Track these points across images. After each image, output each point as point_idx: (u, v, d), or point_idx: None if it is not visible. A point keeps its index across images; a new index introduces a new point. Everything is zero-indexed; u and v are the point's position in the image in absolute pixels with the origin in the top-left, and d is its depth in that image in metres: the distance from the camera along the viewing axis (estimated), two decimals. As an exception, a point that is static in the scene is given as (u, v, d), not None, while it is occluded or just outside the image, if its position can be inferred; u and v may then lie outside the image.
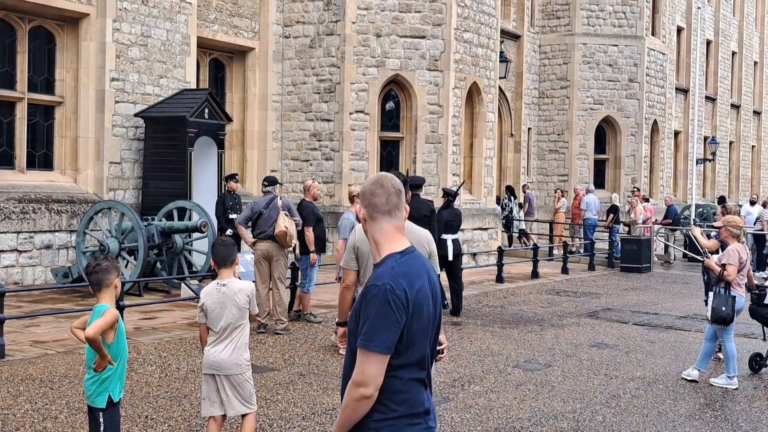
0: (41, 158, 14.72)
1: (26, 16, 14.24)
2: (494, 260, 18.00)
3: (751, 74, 43.65)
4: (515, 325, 11.87)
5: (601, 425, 7.04)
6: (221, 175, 15.19)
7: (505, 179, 25.89)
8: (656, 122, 29.04)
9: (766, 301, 9.19)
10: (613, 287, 17.01)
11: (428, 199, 12.45)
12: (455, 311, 12.38)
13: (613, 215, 22.95)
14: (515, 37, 26.37)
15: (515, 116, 26.50)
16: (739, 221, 8.90)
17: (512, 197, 24.15)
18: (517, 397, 7.83)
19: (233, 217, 13.28)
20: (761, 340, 10.32)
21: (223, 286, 5.38)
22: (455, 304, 12.39)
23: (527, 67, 26.94)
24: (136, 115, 15.02)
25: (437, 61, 18.44)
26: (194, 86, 16.41)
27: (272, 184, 10.93)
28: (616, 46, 27.35)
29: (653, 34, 29.02)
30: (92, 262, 4.89)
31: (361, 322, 3.01)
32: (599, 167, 27.74)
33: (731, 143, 41.55)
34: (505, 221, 23.14)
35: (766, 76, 45.17)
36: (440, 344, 5.40)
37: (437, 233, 11.42)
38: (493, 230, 20.39)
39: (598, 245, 21.89)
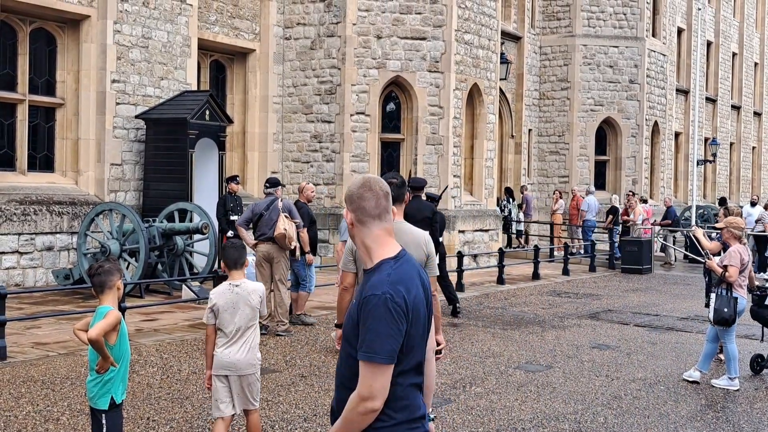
0: (42, 160, 14.73)
1: (27, 17, 14.25)
2: (495, 262, 18.00)
3: (751, 75, 43.65)
4: (516, 326, 11.87)
5: (602, 427, 7.04)
6: (222, 176, 15.19)
7: (505, 181, 25.89)
8: (657, 123, 29.04)
9: (767, 302, 9.19)
10: (614, 288, 17.01)
11: (429, 201, 12.44)
12: (454, 310, 12.38)
13: (612, 216, 22.96)
14: (516, 38, 26.38)
15: (516, 118, 26.51)
16: (740, 222, 8.90)
17: (511, 199, 24.15)
18: (518, 398, 7.83)
19: (234, 218, 13.28)
20: (760, 341, 10.33)
21: (236, 287, 5.47)
22: (449, 298, 12.40)
23: (528, 68, 26.95)
24: (137, 116, 15.03)
25: (438, 62, 18.44)
26: (195, 88, 16.43)
27: (274, 185, 10.93)
28: (616, 47, 27.35)
29: (654, 35, 29.03)
30: (94, 264, 4.89)
31: (361, 333, 2.94)
32: (600, 168, 27.74)
33: (732, 144, 41.55)
34: (503, 222, 23.14)
35: (766, 77, 45.17)
36: (438, 344, 5.41)
37: (439, 234, 11.42)
38: (493, 232, 20.39)
39: (598, 246, 21.88)
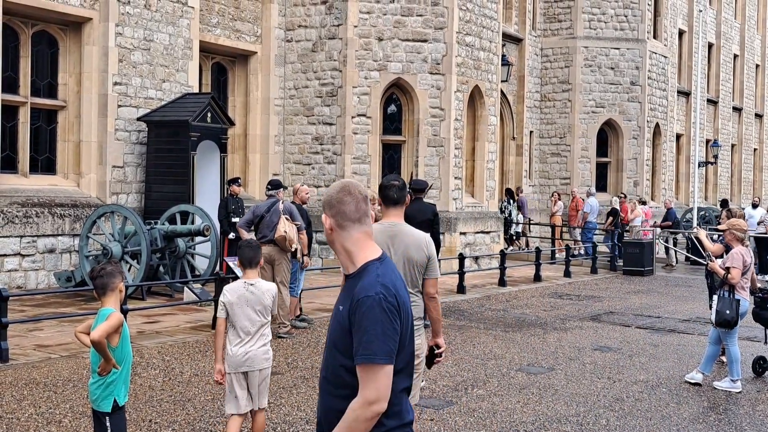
0: (44, 162, 14.74)
1: (29, 20, 14.27)
2: (496, 263, 17.99)
3: (752, 77, 43.64)
4: (518, 328, 11.87)
5: (604, 429, 7.04)
6: (224, 178, 15.20)
7: (507, 182, 25.89)
8: (658, 125, 29.04)
9: (769, 304, 9.19)
10: (615, 290, 17.00)
11: (431, 202, 12.45)
12: None
13: (612, 218, 22.97)
14: (517, 40, 26.39)
15: (517, 119, 26.51)
16: (743, 224, 8.90)
17: (511, 200, 24.12)
18: (520, 400, 7.83)
19: (236, 220, 13.29)
20: (763, 343, 10.32)
21: (251, 285, 5.65)
22: None
23: (529, 70, 26.97)
24: (138, 119, 15.04)
25: (439, 64, 18.45)
26: (197, 90, 16.44)
27: (276, 187, 10.95)
28: (617, 49, 27.36)
29: (655, 37, 29.03)
30: (96, 266, 4.90)
31: (356, 336, 2.90)
32: (601, 170, 27.73)
33: (733, 146, 41.54)
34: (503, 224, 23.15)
35: (767, 78, 45.17)
36: (439, 347, 5.41)
37: (439, 235, 11.42)
38: (495, 233, 20.39)
39: (599, 248, 21.89)
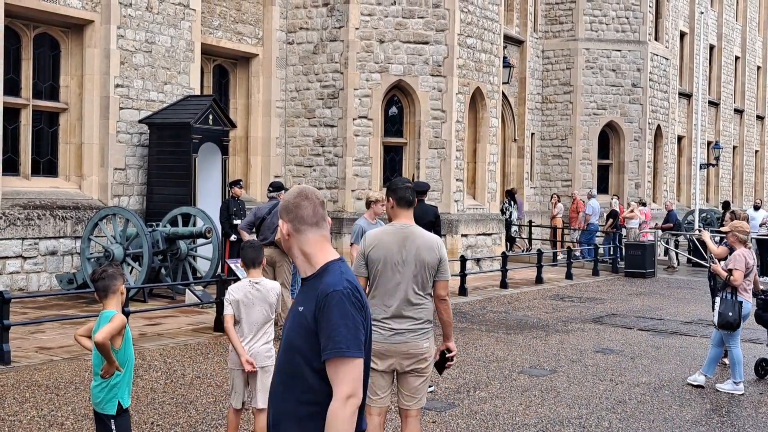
0: (46, 165, 14.75)
1: (31, 23, 14.28)
2: (498, 265, 17.99)
3: (754, 79, 43.63)
4: (520, 330, 11.85)
5: (607, 431, 7.03)
6: (225, 180, 15.20)
7: (508, 185, 25.87)
8: (659, 127, 29.02)
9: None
10: (617, 292, 16.99)
11: (432, 204, 12.44)
12: None
13: (612, 220, 22.96)
14: (518, 42, 26.39)
15: (518, 121, 26.51)
16: (746, 226, 8.90)
17: (512, 202, 24.09)
18: (522, 403, 7.82)
19: (237, 222, 13.29)
20: (765, 345, 10.31)
21: (256, 284, 5.80)
22: None
23: (530, 72, 26.97)
24: (140, 121, 15.04)
25: (440, 66, 18.45)
26: (198, 92, 16.45)
27: (278, 189, 10.95)
28: (619, 51, 27.35)
29: (656, 39, 29.02)
30: (98, 268, 4.90)
31: (325, 331, 2.86)
32: (603, 172, 27.72)
33: (734, 148, 41.52)
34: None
35: (769, 80, 45.16)
36: (450, 351, 5.49)
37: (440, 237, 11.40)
38: (496, 236, 20.37)
39: (599, 250, 21.88)
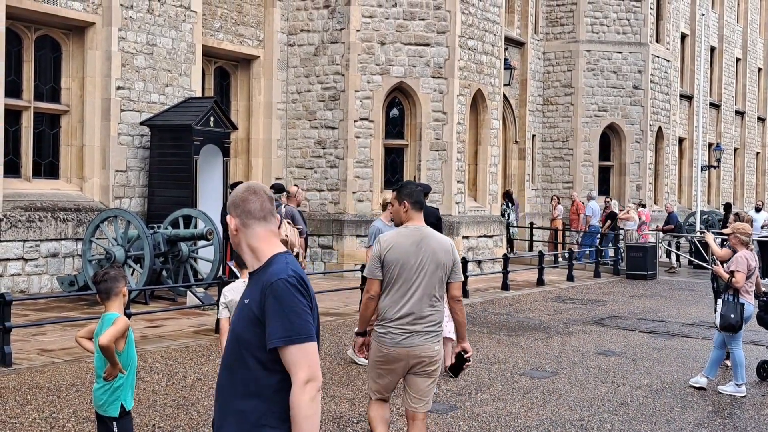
0: (47, 167, 14.75)
1: (32, 25, 14.28)
2: (499, 267, 17.98)
3: (755, 81, 43.63)
4: (521, 332, 11.84)
5: (609, 433, 7.02)
6: (226, 183, 15.19)
7: (509, 186, 25.86)
8: (661, 129, 29.01)
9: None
10: (618, 294, 16.98)
11: (434, 206, 12.45)
12: None
13: (610, 222, 22.95)
14: (519, 44, 26.40)
15: (519, 123, 26.51)
16: (748, 228, 8.89)
17: (510, 203, 24.08)
18: (524, 405, 7.81)
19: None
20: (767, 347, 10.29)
21: None
22: None
23: (531, 74, 26.97)
24: (141, 123, 15.05)
25: (441, 68, 18.45)
26: (199, 94, 16.45)
27: (278, 191, 10.96)
28: (620, 53, 27.36)
29: (657, 40, 29.02)
30: (100, 270, 4.90)
31: (273, 320, 2.82)
32: (604, 174, 27.72)
33: (736, 150, 41.51)
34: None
35: (770, 82, 45.15)
36: (466, 352, 5.57)
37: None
38: (498, 238, 20.36)
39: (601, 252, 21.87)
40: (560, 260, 21.71)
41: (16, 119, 14.19)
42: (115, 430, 4.73)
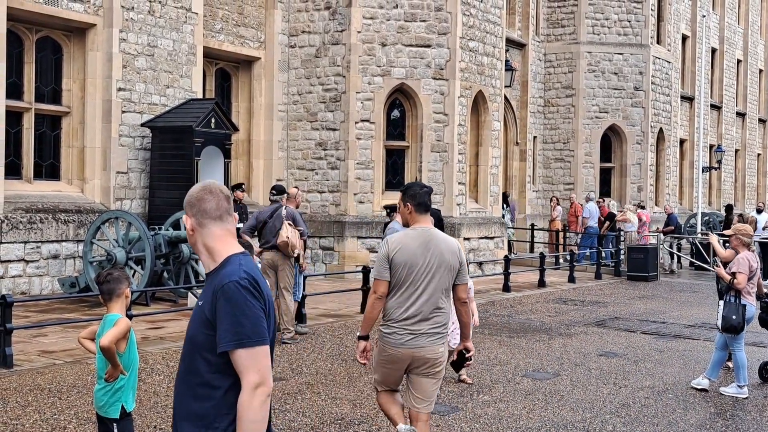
0: (48, 168, 14.74)
1: (33, 26, 14.28)
2: (500, 269, 17.97)
3: (756, 82, 43.63)
4: (523, 334, 11.83)
5: (611, 435, 7.01)
6: (227, 184, 15.19)
7: (510, 188, 25.85)
8: (662, 130, 29.01)
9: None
10: (620, 296, 16.96)
11: (435, 207, 12.43)
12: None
13: (609, 223, 22.94)
14: (520, 45, 26.40)
15: (520, 125, 26.50)
16: (749, 230, 8.89)
17: (505, 204, 24.05)
18: (526, 406, 7.80)
19: (239, 226, 13.29)
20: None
21: None
22: None
23: (532, 75, 26.97)
24: (142, 125, 15.05)
25: (443, 69, 18.45)
26: (201, 96, 16.45)
27: (280, 193, 10.95)
28: (621, 54, 27.35)
29: (658, 42, 29.02)
30: (102, 272, 4.89)
31: (224, 323, 2.80)
32: (605, 176, 27.71)
33: (737, 151, 41.50)
34: None
35: (771, 83, 45.14)
36: (468, 351, 5.60)
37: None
38: (499, 239, 20.35)
39: (602, 254, 21.85)
40: (561, 262, 21.69)
41: (17, 121, 14.19)
42: (115, 431, 4.72)
